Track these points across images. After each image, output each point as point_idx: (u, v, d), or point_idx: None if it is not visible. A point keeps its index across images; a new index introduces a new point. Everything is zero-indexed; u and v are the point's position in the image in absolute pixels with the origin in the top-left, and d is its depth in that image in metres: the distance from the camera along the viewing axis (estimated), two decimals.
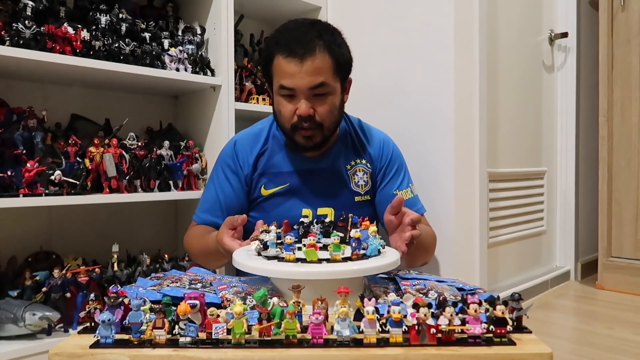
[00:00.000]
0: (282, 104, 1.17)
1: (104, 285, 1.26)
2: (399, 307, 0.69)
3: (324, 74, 1.13)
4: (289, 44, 1.13)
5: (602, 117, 2.21)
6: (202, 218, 1.31)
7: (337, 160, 1.29)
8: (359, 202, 1.30)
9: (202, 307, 0.70)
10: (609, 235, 2.19)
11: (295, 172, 1.27)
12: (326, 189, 1.27)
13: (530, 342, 0.71)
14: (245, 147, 1.30)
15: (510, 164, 2.04)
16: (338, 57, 1.16)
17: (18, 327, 1.10)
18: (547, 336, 1.54)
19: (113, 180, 1.32)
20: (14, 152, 1.22)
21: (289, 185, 1.27)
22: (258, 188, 1.28)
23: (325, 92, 1.15)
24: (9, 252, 1.36)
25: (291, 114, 1.15)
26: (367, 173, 1.31)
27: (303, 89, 1.13)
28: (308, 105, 1.13)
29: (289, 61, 1.12)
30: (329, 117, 1.17)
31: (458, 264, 1.55)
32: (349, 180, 1.29)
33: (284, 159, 1.28)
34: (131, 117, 1.52)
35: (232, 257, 0.94)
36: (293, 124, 1.16)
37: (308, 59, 1.11)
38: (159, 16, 1.62)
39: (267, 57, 1.20)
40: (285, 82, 1.13)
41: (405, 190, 1.33)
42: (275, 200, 1.27)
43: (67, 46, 1.27)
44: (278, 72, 1.15)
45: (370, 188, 1.32)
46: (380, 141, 1.35)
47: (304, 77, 1.12)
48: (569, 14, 2.32)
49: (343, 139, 1.32)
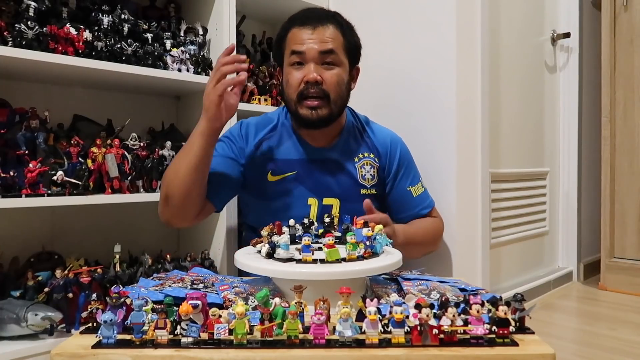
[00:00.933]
0: (291, 73, 1.19)
1: (106, 285, 1.25)
2: (401, 308, 0.69)
3: (334, 43, 1.18)
4: (304, 17, 1.21)
5: (604, 118, 2.20)
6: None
7: (345, 152, 1.30)
8: (364, 195, 1.29)
9: (204, 308, 0.70)
10: (611, 235, 2.18)
11: (303, 161, 1.27)
12: (333, 180, 1.28)
13: (533, 343, 0.71)
14: (250, 126, 1.30)
15: (513, 165, 2.04)
16: (349, 37, 1.22)
17: (20, 328, 1.10)
18: (549, 337, 1.54)
19: (115, 180, 1.33)
20: (16, 152, 1.22)
21: (297, 173, 1.26)
22: (265, 174, 1.27)
23: (334, 62, 1.19)
24: (11, 252, 1.37)
25: (299, 81, 1.17)
26: (375, 167, 1.32)
27: (313, 53, 1.16)
28: (317, 69, 1.16)
29: (301, 29, 1.18)
30: (335, 89, 1.19)
31: (460, 264, 1.54)
32: (356, 173, 1.30)
33: (292, 147, 1.28)
34: (133, 117, 1.52)
35: (235, 258, 0.94)
36: (300, 92, 1.17)
37: (320, 27, 1.18)
38: (161, 17, 1.62)
39: (281, 33, 1.25)
40: (297, 47, 1.17)
41: (417, 186, 1.37)
42: (281, 188, 1.26)
43: (70, 47, 1.27)
44: (290, 41, 1.20)
45: (376, 182, 1.32)
46: (389, 139, 1.36)
47: (315, 42, 1.16)
48: (571, 14, 2.32)
49: (351, 131, 1.33)
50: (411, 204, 1.35)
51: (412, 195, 1.35)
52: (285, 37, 1.22)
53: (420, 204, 1.36)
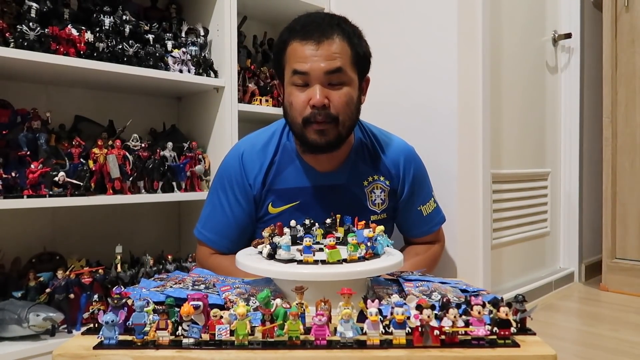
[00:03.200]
0: (294, 94, 1.06)
1: (108, 286, 1.26)
2: (402, 309, 0.69)
3: (341, 59, 1.03)
4: (305, 29, 1.04)
5: (606, 118, 2.20)
6: (213, 240, 1.20)
7: (353, 175, 1.18)
8: (375, 221, 1.19)
9: (205, 309, 0.70)
10: (613, 236, 2.18)
11: (307, 189, 1.17)
12: (340, 208, 1.09)
13: (534, 344, 0.71)
14: (253, 161, 1.17)
15: (514, 165, 2.04)
16: (357, 48, 1.07)
17: (22, 328, 1.10)
18: (551, 338, 1.54)
19: (116, 181, 1.33)
20: (18, 153, 1.22)
21: (299, 203, 1.17)
22: (265, 205, 1.18)
23: (342, 82, 1.05)
24: (13, 253, 1.37)
25: (303, 105, 1.04)
26: (385, 191, 1.21)
27: (318, 73, 1.02)
28: (322, 92, 1.02)
29: (304, 44, 1.03)
30: (344, 111, 1.05)
31: (462, 265, 1.54)
32: (366, 199, 1.19)
33: (294, 174, 1.17)
34: (134, 118, 1.53)
35: (236, 259, 0.94)
36: (305, 117, 1.05)
37: (325, 42, 1.02)
38: (162, 18, 1.63)
39: (279, 46, 1.10)
40: (299, 66, 1.03)
41: (429, 204, 1.28)
42: (283, 219, 1.11)
43: (71, 48, 1.27)
44: (291, 58, 1.05)
45: (387, 206, 1.22)
46: (402, 158, 1.24)
47: (319, 60, 1.01)
48: (572, 15, 2.31)
49: (359, 152, 1.20)
50: (420, 223, 1.29)
51: (422, 215, 1.28)
52: (284, 51, 1.08)
53: (429, 223, 1.30)
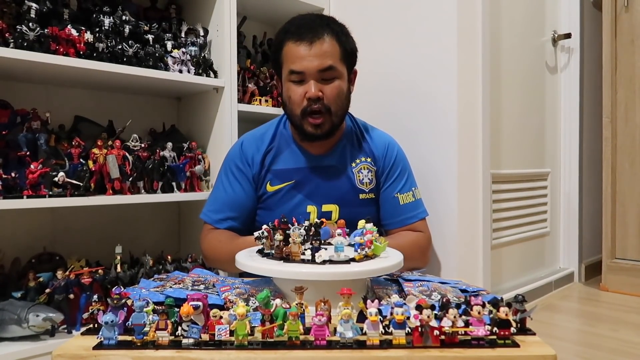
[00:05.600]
0: (292, 89, 1.21)
1: (107, 286, 1.26)
2: (402, 309, 0.69)
3: (332, 58, 1.19)
4: (299, 30, 1.20)
5: (605, 118, 2.20)
6: (213, 218, 1.30)
7: (342, 157, 1.31)
8: (363, 200, 1.30)
9: (204, 309, 0.70)
10: (612, 236, 2.18)
11: (301, 169, 1.29)
12: (331, 186, 1.29)
13: (534, 344, 0.71)
14: (252, 146, 1.32)
15: (514, 166, 2.04)
16: (345, 45, 1.22)
17: (22, 328, 1.10)
18: (551, 338, 1.54)
19: (116, 181, 1.33)
20: (17, 153, 1.22)
21: (295, 182, 1.28)
22: (264, 185, 1.30)
23: (333, 77, 1.20)
24: (12, 253, 1.37)
25: (301, 97, 1.19)
26: (372, 171, 1.32)
27: (312, 71, 1.17)
28: (317, 86, 1.18)
29: (298, 45, 1.18)
30: (336, 102, 1.21)
31: (461, 265, 1.54)
32: (354, 178, 1.30)
33: (290, 156, 1.30)
34: (134, 118, 1.53)
35: (236, 259, 0.94)
36: (303, 109, 1.20)
37: (317, 42, 1.17)
38: (162, 18, 1.63)
39: (277, 46, 1.25)
40: (295, 66, 1.18)
41: (407, 194, 1.33)
42: (280, 197, 1.29)
43: (71, 48, 1.27)
44: (288, 58, 1.21)
45: (374, 186, 1.33)
46: (385, 143, 1.36)
47: (313, 60, 1.17)
48: (572, 15, 2.32)
49: (349, 137, 1.34)
50: (396, 211, 1.32)
51: (398, 203, 1.31)
52: (281, 51, 1.23)
53: (405, 213, 1.32)
